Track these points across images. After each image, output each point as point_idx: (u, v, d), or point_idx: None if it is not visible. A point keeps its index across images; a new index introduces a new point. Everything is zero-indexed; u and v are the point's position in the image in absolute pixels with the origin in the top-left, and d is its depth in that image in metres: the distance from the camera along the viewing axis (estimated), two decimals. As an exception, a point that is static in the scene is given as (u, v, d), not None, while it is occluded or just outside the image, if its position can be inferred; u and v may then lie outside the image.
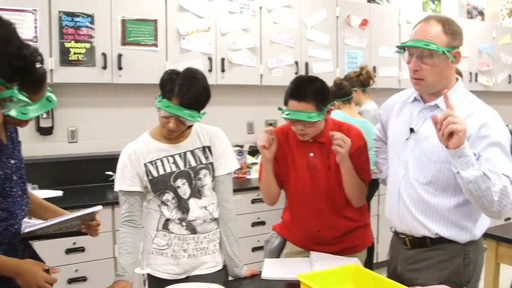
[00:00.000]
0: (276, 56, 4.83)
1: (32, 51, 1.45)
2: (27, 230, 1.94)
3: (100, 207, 2.06)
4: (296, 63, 4.93)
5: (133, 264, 2.26)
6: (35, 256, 2.08)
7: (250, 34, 4.65)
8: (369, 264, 3.98)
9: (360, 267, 2.13)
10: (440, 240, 2.13)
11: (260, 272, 2.39)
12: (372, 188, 2.92)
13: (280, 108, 2.47)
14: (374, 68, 5.35)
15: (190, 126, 2.33)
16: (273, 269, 2.40)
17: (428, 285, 2.00)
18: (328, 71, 5.10)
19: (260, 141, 2.45)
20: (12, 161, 1.88)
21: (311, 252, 2.55)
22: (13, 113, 1.71)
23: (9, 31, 1.38)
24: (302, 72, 4.90)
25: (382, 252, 4.97)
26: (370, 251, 3.63)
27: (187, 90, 2.16)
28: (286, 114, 2.40)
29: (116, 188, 2.34)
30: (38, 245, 2.86)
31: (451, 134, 1.84)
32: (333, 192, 2.52)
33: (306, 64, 5.00)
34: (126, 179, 2.30)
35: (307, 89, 2.38)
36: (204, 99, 2.23)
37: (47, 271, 1.86)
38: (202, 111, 2.24)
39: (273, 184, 2.60)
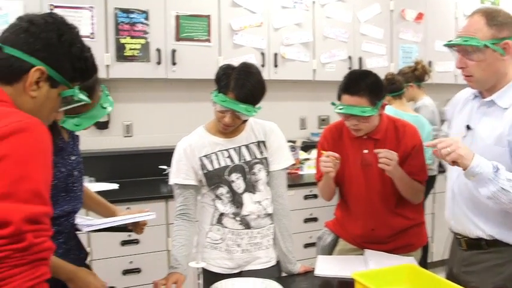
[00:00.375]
0: (329, 51, 4.78)
1: (91, 54, 1.53)
2: (85, 230, 2.00)
3: (154, 216, 2.10)
4: (349, 58, 4.87)
5: (187, 256, 2.28)
6: (79, 244, 2.15)
7: (303, 29, 4.62)
8: (424, 263, 3.89)
9: (416, 267, 2.08)
10: (496, 243, 2.04)
11: (313, 268, 2.38)
12: (427, 186, 2.85)
13: (333, 103, 2.44)
14: (429, 62, 5.22)
15: (245, 121, 2.33)
16: (326, 266, 2.37)
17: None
18: (382, 66, 5.00)
19: (324, 167, 2.39)
20: (73, 157, 1.95)
21: (365, 250, 2.51)
22: (66, 125, 1.80)
23: (73, 34, 1.46)
24: (356, 67, 4.83)
25: (437, 252, 4.87)
26: (425, 250, 3.55)
27: (242, 85, 2.16)
28: (340, 109, 2.37)
29: (171, 182, 2.36)
30: (94, 237, 2.93)
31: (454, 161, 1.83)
32: (387, 189, 2.48)
33: (360, 59, 4.92)
34: (181, 172, 2.32)
35: (360, 83, 2.35)
36: (259, 93, 2.22)
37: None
38: (257, 106, 2.23)
39: (332, 186, 2.59)
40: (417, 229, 2.61)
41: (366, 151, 2.49)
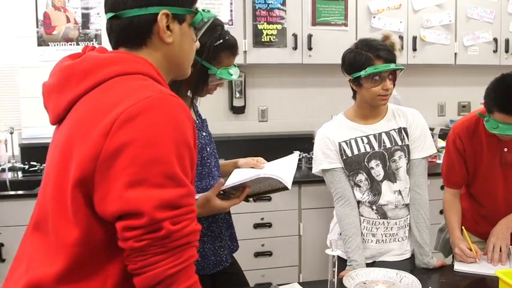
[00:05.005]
0: (473, 33, 4.50)
1: None
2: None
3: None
4: (495, 40, 4.55)
5: (359, 248, 2.24)
6: (232, 234, 2.22)
7: (444, 10, 4.38)
8: None
9: None
10: None
11: (446, 263, 2.29)
12: None
13: (481, 115, 2.21)
14: None
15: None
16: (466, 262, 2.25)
17: None
18: (532, 48, 4.64)
19: (463, 259, 2.27)
20: (204, 133, 2.07)
21: (511, 247, 2.34)
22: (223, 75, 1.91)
23: None
24: (502, 50, 4.52)
25: None
26: None
27: (384, 49, 2.18)
28: (494, 128, 2.11)
29: (318, 168, 2.35)
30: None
31: None
32: None
33: (506, 41, 4.57)
34: (326, 157, 2.31)
35: None
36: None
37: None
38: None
39: None
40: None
41: (506, 150, 2.30)
